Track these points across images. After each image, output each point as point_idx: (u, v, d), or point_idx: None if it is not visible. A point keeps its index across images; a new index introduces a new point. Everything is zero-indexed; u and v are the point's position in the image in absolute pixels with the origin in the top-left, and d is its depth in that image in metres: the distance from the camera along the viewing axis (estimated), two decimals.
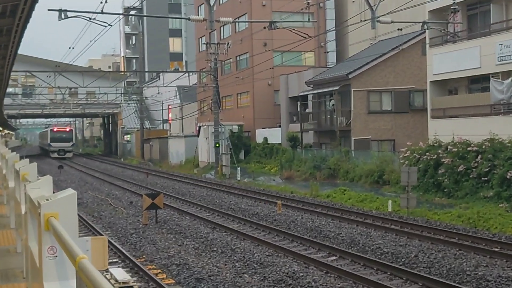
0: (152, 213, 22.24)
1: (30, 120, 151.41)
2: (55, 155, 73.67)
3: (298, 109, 45.09)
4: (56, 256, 3.58)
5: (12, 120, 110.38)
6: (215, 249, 16.71)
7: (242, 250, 16.31)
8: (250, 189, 31.48)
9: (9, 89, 74.84)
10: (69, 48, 41.47)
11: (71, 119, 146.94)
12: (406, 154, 28.45)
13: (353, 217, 21.42)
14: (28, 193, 4.69)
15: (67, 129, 80.00)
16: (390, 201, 23.26)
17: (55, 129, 78.19)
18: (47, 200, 3.64)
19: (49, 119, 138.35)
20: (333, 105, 39.53)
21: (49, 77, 46.64)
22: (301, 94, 43.97)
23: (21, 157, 12.11)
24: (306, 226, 20.01)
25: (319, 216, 22.12)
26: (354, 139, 38.06)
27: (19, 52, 16.79)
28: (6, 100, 66.63)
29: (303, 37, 27.81)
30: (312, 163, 36.64)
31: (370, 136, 38.17)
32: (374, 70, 38.65)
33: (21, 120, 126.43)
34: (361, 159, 33.61)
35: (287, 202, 25.79)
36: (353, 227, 19.65)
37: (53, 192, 4.85)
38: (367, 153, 34.81)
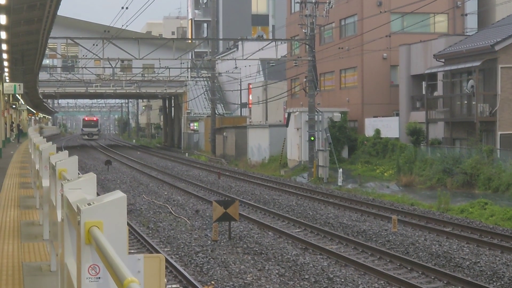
0: (224, 226, 22.49)
1: (71, 101, 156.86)
2: (86, 137, 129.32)
3: (424, 92, 44.51)
4: (99, 278, 3.67)
5: (49, 100, 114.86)
6: (307, 277, 16.75)
7: (342, 280, 16.27)
8: (356, 199, 31.43)
9: (46, 61, 77.86)
10: (122, 8, 42.57)
11: (122, 101, 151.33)
12: None
13: (497, 241, 21.05)
14: (66, 195, 4.83)
15: (95, 119, 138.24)
16: None
17: (86, 118, 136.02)
18: (88, 204, 3.73)
19: (94, 100, 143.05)
20: (472, 87, 38.92)
21: (96, 45, 48.13)
22: (428, 71, 43.49)
23: (59, 149, 12.55)
24: (431, 250, 19.78)
25: (449, 237, 21.84)
26: (500, 134, 37.63)
27: (58, 13, 17.38)
28: (42, 75, 69.44)
29: None
30: (441, 166, 36.38)
31: None
32: None
33: (60, 101, 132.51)
34: (510, 162, 33.22)
35: (405, 218, 25.60)
36: (497, 254, 19.29)
37: (97, 195, 4.99)
38: None
